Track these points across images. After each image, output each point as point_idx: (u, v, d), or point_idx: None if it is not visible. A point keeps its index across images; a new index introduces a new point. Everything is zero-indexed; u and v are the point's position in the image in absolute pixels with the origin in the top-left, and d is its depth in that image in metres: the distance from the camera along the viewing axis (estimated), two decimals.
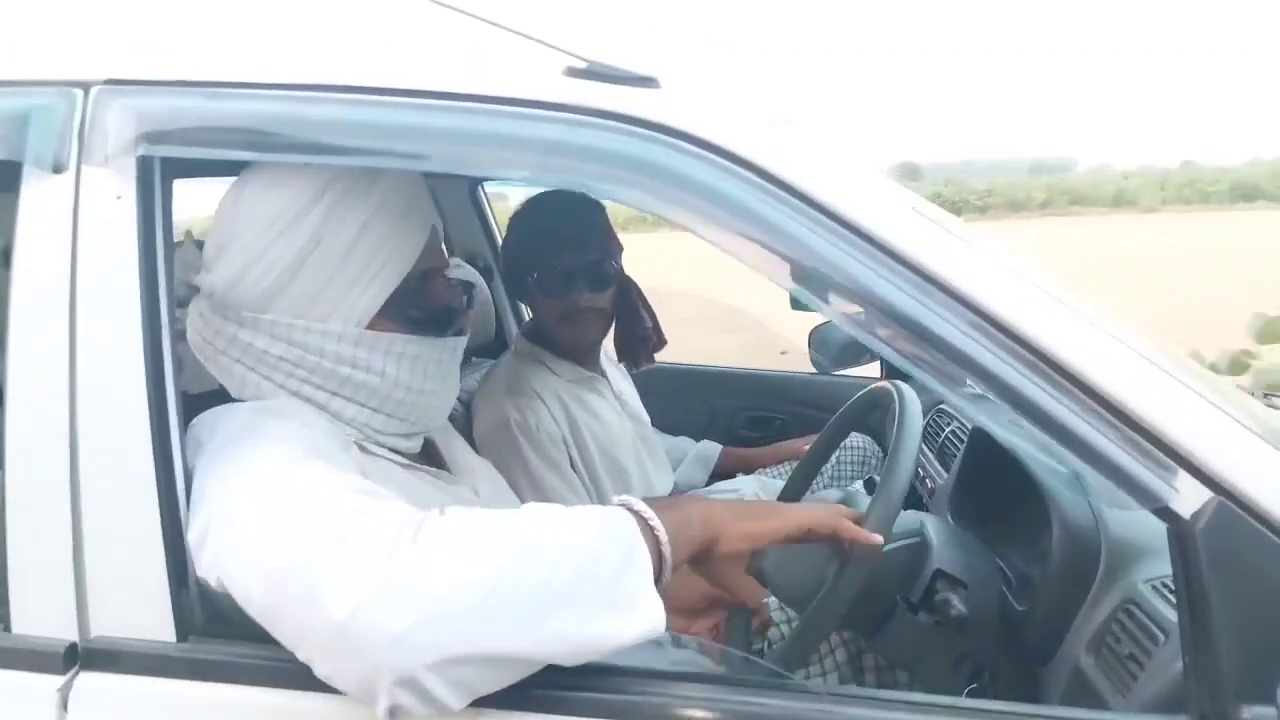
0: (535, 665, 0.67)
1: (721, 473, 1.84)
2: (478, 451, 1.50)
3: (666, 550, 0.75)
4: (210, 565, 0.72)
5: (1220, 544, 0.67)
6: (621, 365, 1.75)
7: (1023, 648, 0.96)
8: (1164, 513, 0.69)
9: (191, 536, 0.74)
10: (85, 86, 0.81)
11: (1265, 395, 1.45)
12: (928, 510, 1.34)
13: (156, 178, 0.80)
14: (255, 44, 0.85)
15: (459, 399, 1.68)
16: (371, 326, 0.89)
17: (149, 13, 0.89)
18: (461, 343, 0.99)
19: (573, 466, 1.55)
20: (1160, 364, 0.72)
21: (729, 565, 0.90)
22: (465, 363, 1.81)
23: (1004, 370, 0.71)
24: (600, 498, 1.57)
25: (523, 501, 1.41)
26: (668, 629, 0.76)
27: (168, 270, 0.80)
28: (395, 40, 0.85)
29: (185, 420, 0.82)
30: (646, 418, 1.78)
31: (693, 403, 2.09)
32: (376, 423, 0.92)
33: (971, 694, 0.96)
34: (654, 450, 1.74)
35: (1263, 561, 0.66)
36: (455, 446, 1.10)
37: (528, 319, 1.79)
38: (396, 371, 0.91)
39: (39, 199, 0.79)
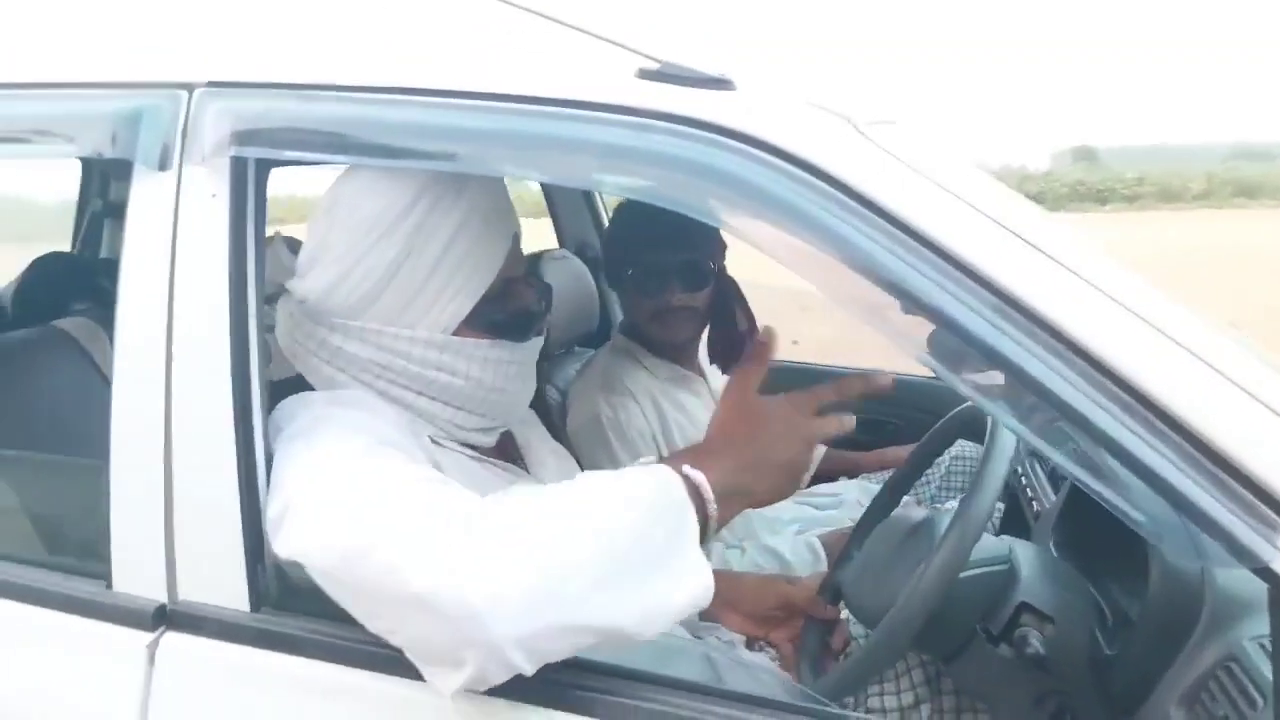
0: (601, 634, 0.69)
1: (824, 475, 1.79)
2: (569, 443, 1.53)
3: (711, 504, 0.75)
4: (286, 543, 0.76)
5: None
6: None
7: (1109, 694, 0.89)
8: (1264, 573, 0.62)
9: (270, 516, 0.79)
10: (190, 88, 0.86)
11: None
12: (1031, 534, 1.26)
13: (250, 177, 0.85)
14: (343, 47, 0.88)
15: (556, 388, 1.73)
16: (456, 333, 0.92)
17: (252, 16, 0.94)
18: (539, 343, 1.01)
19: None
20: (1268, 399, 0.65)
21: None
22: (568, 353, 1.84)
23: (1093, 411, 0.66)
24: None
25: None
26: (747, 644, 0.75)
27: (257, 266, 0.84)
28: (472, 42, 0.86)
29: (269, 406, 0.87)
30: None
31: None
32: (459, 419, 0.95)
33: None
34: None
35: None
36: (531, 440, 1.12)
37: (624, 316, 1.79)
38: (480, 374, 0.93)
39: (146, 194, 0.85)
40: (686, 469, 0.76)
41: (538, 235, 1.99)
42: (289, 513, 0.76)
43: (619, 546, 0.69)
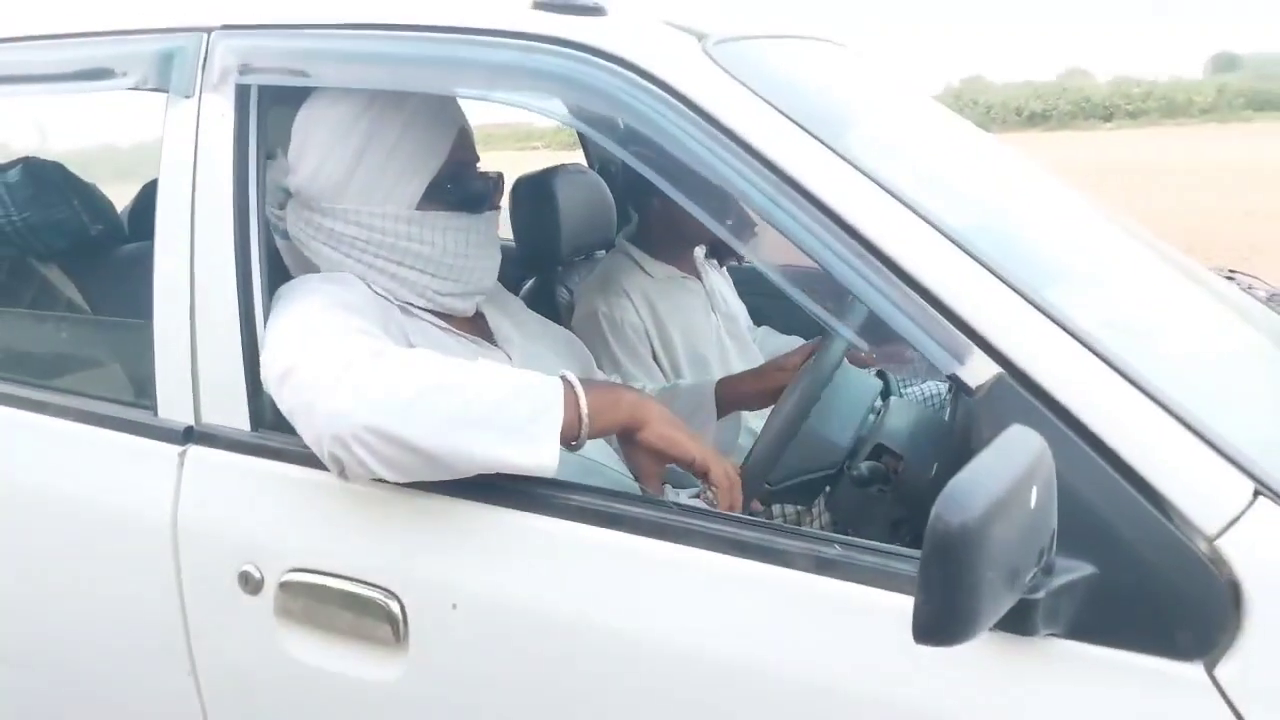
0: (443, 467, 0.90)
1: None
2: (575, 333, 1.75)
3: (585, 416, 0.95)
4: (263, 377, 1.02)
5: (998, 412, 0.76)
6: (715, 264, 1.92)
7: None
8: (955, 381, 0.79)
9: (262, 358, 1.05)
10: (208, 30, 1.11)
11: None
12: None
13: (252, 102, 1.09)
14: None
15: (568, 289, 1.95)
16: (420, 208, 1.15)
17: None
18: (494, 217, 1.22)
19: (654, 357, 1.76)
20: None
21: (643, 452, 1.07)
22: (585, 259, 2.06)
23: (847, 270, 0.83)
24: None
25: None
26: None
27: (257, 170, 1.09)
28: None
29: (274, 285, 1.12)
30: (741, 316, 1.94)
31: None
32: (435, 285, 1.18)
33: None
34: (744, 346, 1.90)
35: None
36: (503, 320, 1.35)
37: (633, 223, 1.99)
38: (444, 241, 1.16)
39: (176, 117, 1.11)
40: (567, 374, 0.97)
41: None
42: (264, 354, 1.02)
43: (481, 403, 0.89)
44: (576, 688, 0.91)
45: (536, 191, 1.85)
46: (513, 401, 0.92)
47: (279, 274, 1.14)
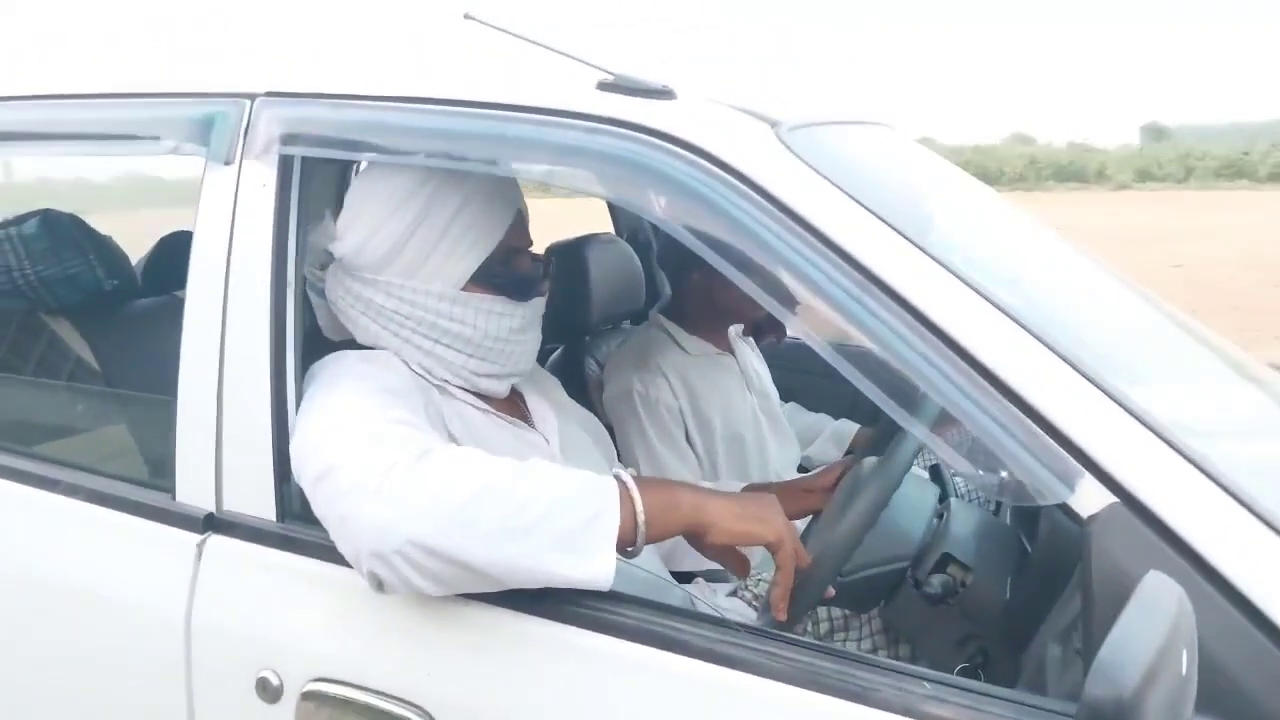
0: (490, 581, 0.83)
1: (855, 451, 1.90)
2: (605, 412, 1.68)
3: (641, 521, 0.88)
4: (295, 470, 0.95)
5: (1114, 545, 0.70)
6: (751, 341, 1.86)
7: (1010, 634, 0.99)
8: (1066, 510, 0.72)
9: (293, 447, 0.98)
10: (251, 97, 1.06)
11: None
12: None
13: (295, 172, 1.04)
14: (365, 62, 1.07)
15: (597, 361, 1.89)
16: (465, 289, 1.10)
17: (301, 35, 1.14)
18: (541, 304, 1.17)
19: (688, 438, 1.69)
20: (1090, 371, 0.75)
21: (720, 549, 1.00)
22: (612, 329, 2.00)
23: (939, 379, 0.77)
24: (714, 468, 1.71)
25: (630, 465, 1.58)
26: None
27: (296, 242, 1.03)
28: (465, 58, 1.03)
29: (309, 358, 1.06)
30: (774, 394, 1.88)
31: (838, 381, 2.13)
32: (471, 365, 1.12)
33: (961, 673, 1.01)
34: (777, 424, 1.84)
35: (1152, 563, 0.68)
36: (540, 400, 1.28)
37: (666, 296, 1.94)
38: (485, 325, 1.10)
39: (213, 183, 1.06)
40: (621, 473, 0.90)
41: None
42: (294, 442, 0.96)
43: (531, 512, 0.82)
44: None
45: (569, 260, 1.80)
46: (566, 508, 0.85)
47: (313, 354, 1.08)
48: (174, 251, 2.13)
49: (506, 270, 1.12)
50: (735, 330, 1.84)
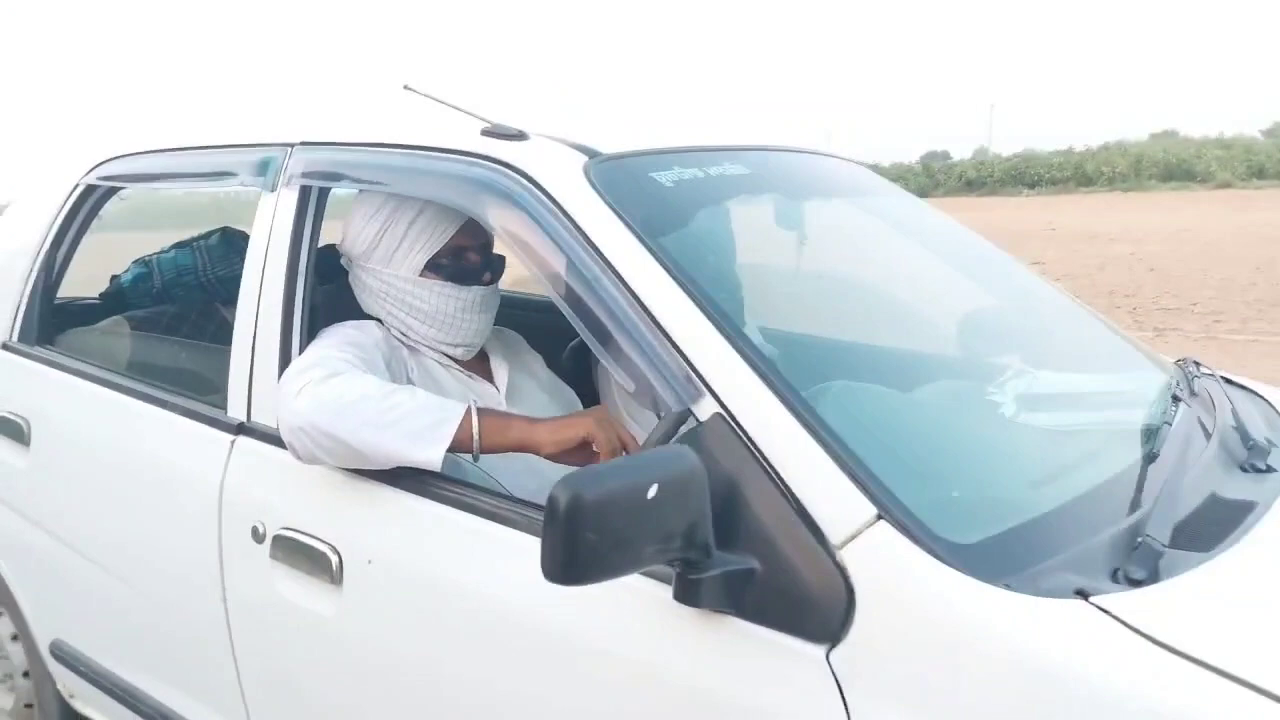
0: (364, 458, 1.26)
1: None
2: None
3: (476, 435, 1.26)
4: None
5: (711, 439, 1.02)
6: None
7: None
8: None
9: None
10: (291, 145, 1.58)
11: None
12: None
13: (312, 197, 1.54)
14: (353, 120, 1.56)
15: None
16: (423, 275, 1.54)
17: (323, 103, 1.65)
18: (484, 291, 1.59)
19: None
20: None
21: (565, 455, 1.31)
22: None
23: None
24: None
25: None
26: None
27: (308, 246, 1.52)
28: (400, 116, 1.49)
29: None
30: None
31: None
32: (434, 334, 1.56)
33: None
34: None
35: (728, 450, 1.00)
36: (501, 360, 1.69)
37: None
38: (437, 303, 1.54)
39: (263, 206, 1.58)
40: (475, 404, 1.29)
41: None
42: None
43: (395, 414, 1.24)
44: (439, 626, 1.22)
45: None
46: (419, 414, 1.26)
47: (317, 320, 1.57)
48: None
49: (453, 263, 1.55)
50: None
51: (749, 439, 1.00)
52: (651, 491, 0.89)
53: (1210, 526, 1.04)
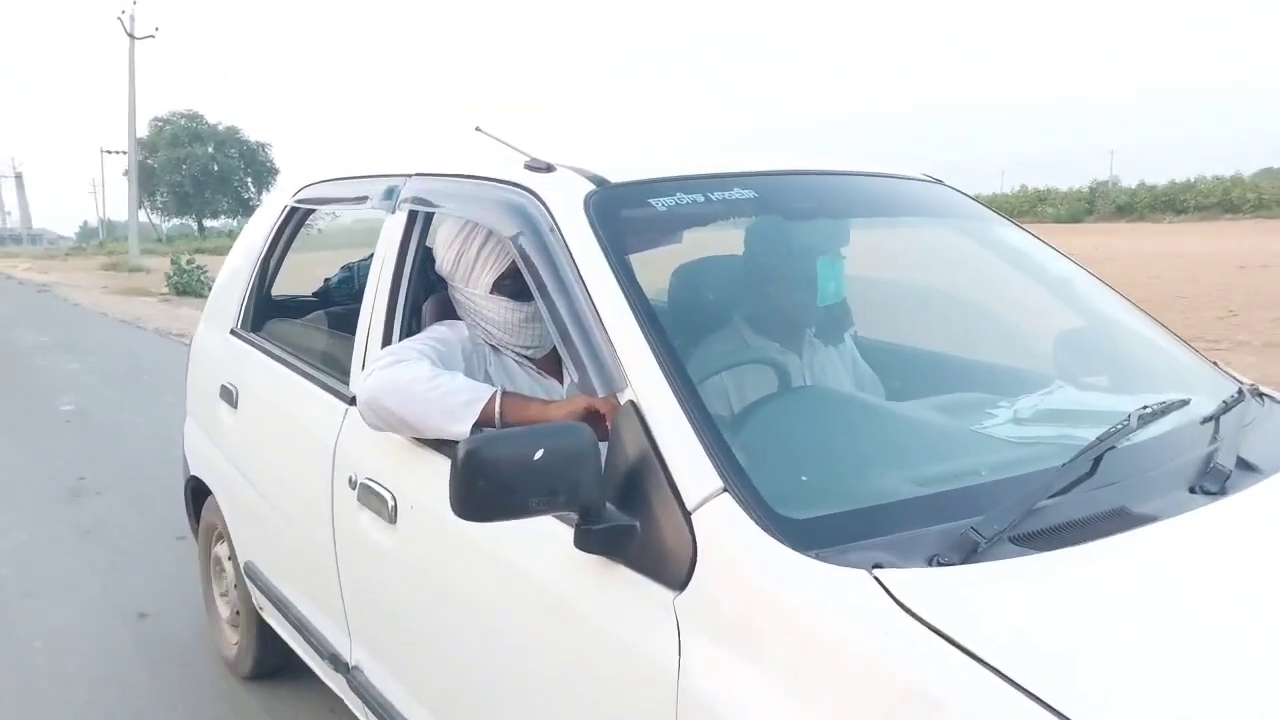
0: (412, 428, 1.60)
1: None
2: None
3: (497, 413, 1.57)
4: None
5: (622, 421, 1.25)
6: None
7: None
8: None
9: None
10: (408, 176, 1.98)
11: None
12: None
13: (419, 219, 1.92)
14: (431, 153, 1.92)
15: None
16: (491, 294, 1.87)
17: (424, 136, 2.03)
18: (535, 306, 1.89)
19: None
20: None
21: None
22: None
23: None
24: None
25: None
26: None
27: (414, 256, 1.91)
28: (471, 153, 1.82)
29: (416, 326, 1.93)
30: None
31: None
32: (506, 339, 1.90)
33: None
34: None
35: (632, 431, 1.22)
36: None
37: None
38: (502, 316, 1.87)
39: (389, 226, 1.98)
40: (504, 388, 1.61)
41: None
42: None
43: (435, 394, 1.57)
44: (457, 559, 1.54)
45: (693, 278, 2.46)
46: (455, 394, 1.59)
47: (417, 316, 1.95)
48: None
49: (513, 283, 1.86)
50: None
51: (646, 423, 1.21)
52: (538, 454, 1.14)
53: (1065, 531, 1.11)
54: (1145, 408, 1.39)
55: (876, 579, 0.99)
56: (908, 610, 0.96)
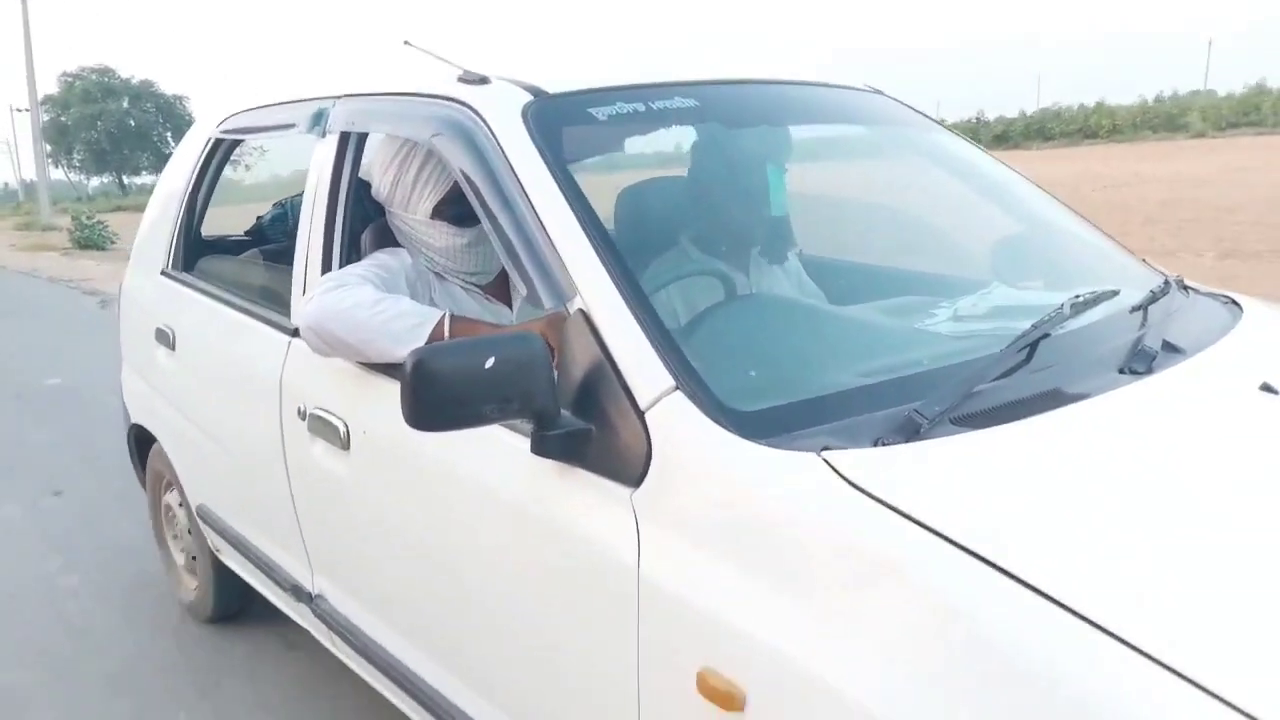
0: (359, 352, 1.58)
1: None
2: None
3: (446, 337, 1.56)
4: None
5: (570, 328, 1.25)
6: None
7: None
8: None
9: None
10: (336, 99, 1.92)
11: None
12: None
13: (351, 143, 1.87)
14: (353, 73, 1.87)
15: None
16: (432, 219, 1.83)
17: (345, 58, 1.97)
18: (478, 230, 1.87)
19: None
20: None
21: None
22: None
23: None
24: None
25: None
26: None
27: (348, 181, 1.86)
28: (397, 68, 1.78)
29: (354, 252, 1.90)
30: None
31: None
32: (449, 265, 1.87)
33: None
34: None
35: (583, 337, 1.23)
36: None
37: None
38: (445, 241, 1.84)
39: (319, 152, 1.93)
40: (451, 312, 1.58)
41: None
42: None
43: (381, 319, 1.55)
44: (410, 481, 1.54)
45: (638, 200, 2.45)
46: (401, 318, 1.57)
47: (355, 246, 1.91)
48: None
49: (455, 207, 1.83)
50: None
51: (597, 329, 1.22)
52: (489, 363, 1.14)
53: (1002, 410, 1.15)
54: (1077, 296, 1.44)
55: (825, 460, 1.03)
56: (856, 486, 0.99)
